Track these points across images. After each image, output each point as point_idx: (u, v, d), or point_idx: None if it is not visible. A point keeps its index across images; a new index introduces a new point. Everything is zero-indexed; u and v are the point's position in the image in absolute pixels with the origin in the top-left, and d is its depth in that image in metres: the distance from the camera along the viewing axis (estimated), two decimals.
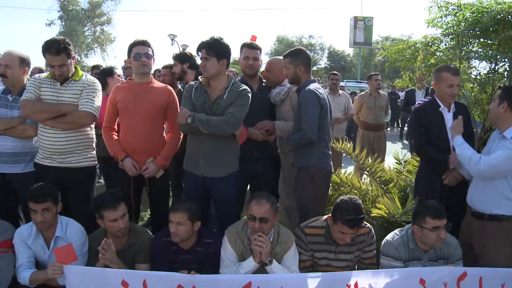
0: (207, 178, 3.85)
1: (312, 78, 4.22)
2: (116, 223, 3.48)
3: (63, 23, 41.63)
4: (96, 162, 4.20)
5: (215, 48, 3.67)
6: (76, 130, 3.88)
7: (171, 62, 5.65)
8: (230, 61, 3.93)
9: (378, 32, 47.50)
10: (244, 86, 3.81)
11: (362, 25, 33.10)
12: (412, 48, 5.34)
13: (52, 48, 3.73)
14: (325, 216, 3.60)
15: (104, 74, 5.49)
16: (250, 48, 4.39)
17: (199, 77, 3.89)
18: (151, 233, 3.79)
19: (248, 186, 4.61)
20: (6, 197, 4.14)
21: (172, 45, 28.59)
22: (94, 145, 4.16)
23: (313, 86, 4.00)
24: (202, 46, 3.68)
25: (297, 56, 4.15)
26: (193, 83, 3.93)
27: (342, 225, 3.33)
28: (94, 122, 4.03)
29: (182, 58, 5.39)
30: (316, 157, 4.03)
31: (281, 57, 4.31)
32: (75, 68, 3.99)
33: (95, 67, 8.37)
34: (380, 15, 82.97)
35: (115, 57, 46.17)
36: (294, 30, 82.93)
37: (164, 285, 3.16)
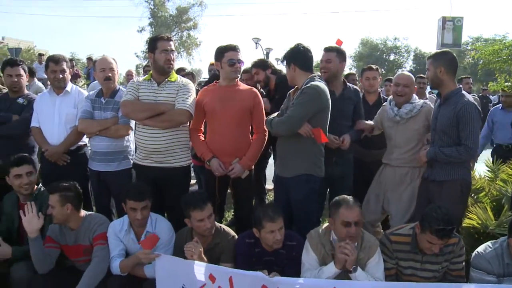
0: (279, 177, 4.02)
1: (458, 85, 4.00)
2: (202, 223, 3.57)
3: (153, 29, 43.62)
4: (191, 162, 4.33)
5: (284, 57, 3.99)
6: (173, 129, 4.01)
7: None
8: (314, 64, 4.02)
9: (468, 32, 45.07)
10: (310, 84, 3.76)
11: (451, 25, 31.50)
12: (510, 48, 5.00)
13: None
14: (413, 224, 3.48)
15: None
16: (324, 50, 4.43)
17: None
18: (235, 234, 3.85)
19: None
20: (101, 193, 4.44)
21: (256, 48, 28.85)
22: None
23: (471, 98, 3.86)
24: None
25: (438, 57, 3.98)
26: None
27: (431, 235, 3.19)
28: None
29: (264, 65, 5.47)
30: (465, 169, 3.92)
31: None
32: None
33: (180, 70, 8.67)
34: (470, 14, 78.67)
35: (200, 61, 47.80)
36: (378, 33, 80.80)
37: (249, 284, 3.21)
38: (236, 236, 3.79)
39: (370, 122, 4.56)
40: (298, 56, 3.92)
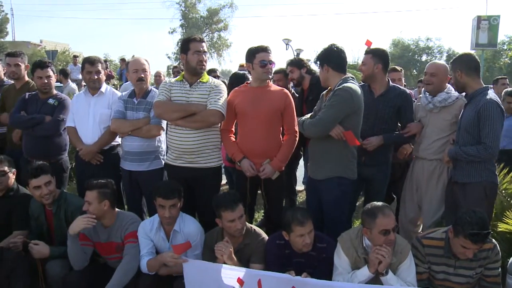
0: (311, 179, 4.03)
1: (484, 84, 3.97)
2: (233, 224, 3.58)
3: (184, 31, 44.12)
4: (222, 162, 4.35)
5: (317, 57, 3.98)
6: (204, 129, 4.04)
7: (283, 66, 5.85)
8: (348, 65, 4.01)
9: (504, 31, 43.94)
10: (343, 86, 3.74)
11: (487, 25, 30.73)
12: None
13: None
14: (446, 228, 3.41)
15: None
16: (364, 53, 4.47)
17: None
18: (266, 235, 3.85)
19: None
20: (133, 192, 4.51)
21: (286, 49, 28.87)
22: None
23: (494, 96, 3.81)
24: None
25: (455, 62, 3.97)
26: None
27: (465, 239, 3.12)
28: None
29: (299, 64, 5.50)
30: (489, 172, 3.86)
31: (443, 62, 4.29)
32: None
33: (212, 71, 8.74)
34: (507, 12, 76.55)
35: (230, 62, 48.11)
36: (410, 33, 79.52)
37: (279, 286, 3.20)
38: (267, 237, 3.80)
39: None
40: (332, 57, 3.90)
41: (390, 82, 4.45)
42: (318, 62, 3.97)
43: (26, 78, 5.49)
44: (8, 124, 5.24)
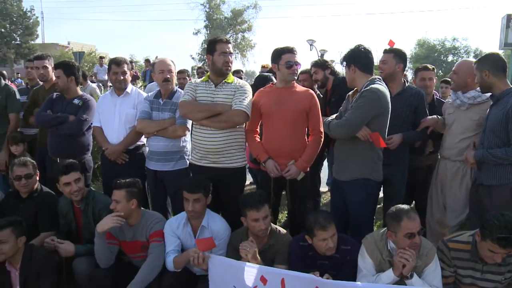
0: (336, 180, 4.04)
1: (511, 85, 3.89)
2: (257, 223, 3.60)
3: (208, 32, 44.37)
4: (246, 162, 4.36)
5: (344, 58, 3.98)
6: (229, 130, 4.06)
7: (308, 67, 5.85)
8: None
9: None
10: (370, 87, 3.72)
11: None
12: None
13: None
14: (472, 231, 3.35)
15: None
16: (383, 52, 4.49)
17: None
18: (290, 236, 3.85)
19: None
20: (158, 192, 4.56)
21: (310, 50, 28.78)
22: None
23: None
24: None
25: (482, 61, 3.88)
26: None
27: (493, 243, 3.06)
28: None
29: (324, 65, 5.49)
30: None
31: (470, 60, 4.24)
32: None
33: (236, 72, 8.78)
34: None
35: (254, 63, 48.10)
36: (436, 33, 78.31)
37: (302, 286, 3.19)
38: (292, 238, 3.80)
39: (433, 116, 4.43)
40: (359, 57, 3.87)
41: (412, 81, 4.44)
42: (345, 63, 3.95)
43: (54, 79, 5.60)
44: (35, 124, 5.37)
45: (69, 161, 4.24)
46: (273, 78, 4.97)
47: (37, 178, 4.42)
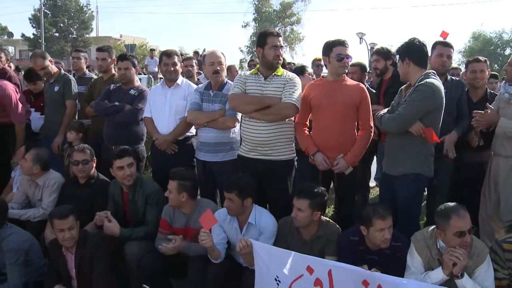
0: (386, 174, 3.98)
1: None
2: (298, 213, 3.60)
3: (257, 25, 44.41)
4: (295, 155, 4.34)
5: (398, 51, 3.97)
6: (278, 122, 4.05)
7: (358, 60, 5.86)
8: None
9: None
10: (425, 81, 3.63)
11: None
12: None
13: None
14: None
15: (296, 73, 5.71)
16: (443, 45, 4.36)
17: None
18: (339, 227, 3.82)
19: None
20: (207, 182, 4.60)
21: (360, 43, 28.36)
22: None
23: None
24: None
25: None
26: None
27: None
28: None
29: (387, 54, 5.38)
30: None
31: None
32: None
33: (286, 64, 8.73)
34: None
35: (303, 55, 47.77)
36: (493, 25, 75.17)
37: (349, 278, 3.16)
38: (340, 230, 3.78)
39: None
40: (414, 51, 3.79)
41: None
42: (398, 56, 3.87)
43: (113, 71, 5.80)
44: (91, 114, 5.57)
45: (123, 147, 4.38)
46: (307, 69, 5.08)
47: (94, 165, 4.58)
